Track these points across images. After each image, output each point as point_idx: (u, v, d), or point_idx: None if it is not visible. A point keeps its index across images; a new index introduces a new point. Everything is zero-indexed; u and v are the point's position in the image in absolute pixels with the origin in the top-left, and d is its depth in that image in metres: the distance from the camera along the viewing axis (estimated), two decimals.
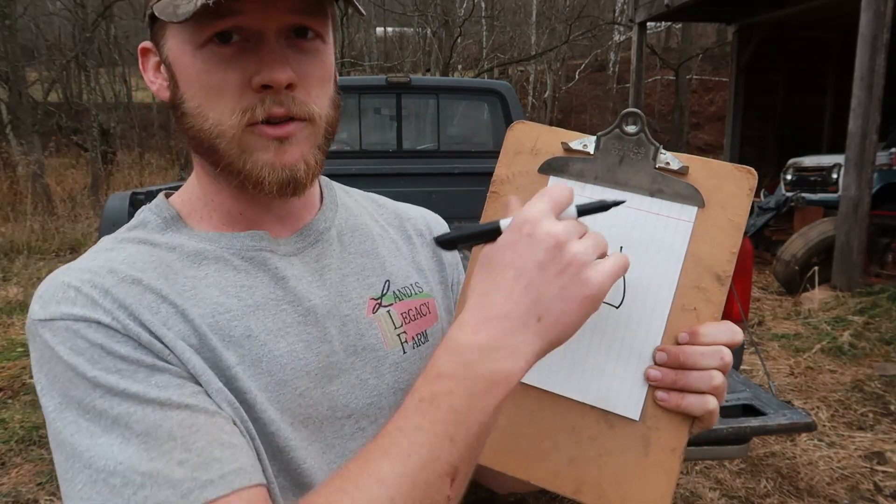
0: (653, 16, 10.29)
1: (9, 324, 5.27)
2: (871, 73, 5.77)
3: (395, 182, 4.17)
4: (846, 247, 5.96)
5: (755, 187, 0.63)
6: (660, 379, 0.60)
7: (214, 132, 0.62)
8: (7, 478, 3.11)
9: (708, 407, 0.59)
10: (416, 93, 4.64)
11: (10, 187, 10.37)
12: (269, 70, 0.60)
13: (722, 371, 0.59)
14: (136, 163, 14.24)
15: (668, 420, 0.60)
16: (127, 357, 0.56)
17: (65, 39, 16.76)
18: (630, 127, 0.65)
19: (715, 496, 2.95)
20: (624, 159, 0.64)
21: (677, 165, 0.63)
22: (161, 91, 0.67)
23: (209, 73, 0.61)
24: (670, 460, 0.60)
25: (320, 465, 0.66)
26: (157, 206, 0.70)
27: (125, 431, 0.54)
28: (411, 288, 0.78)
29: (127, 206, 2.09)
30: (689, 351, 0.59)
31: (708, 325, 0.60)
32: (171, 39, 0.63)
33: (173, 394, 0.56)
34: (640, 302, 0.62)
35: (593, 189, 0.64)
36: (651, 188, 0.63)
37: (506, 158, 0.68)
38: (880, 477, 3.14)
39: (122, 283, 0.59)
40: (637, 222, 0.63)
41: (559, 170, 0.66)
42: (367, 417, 0.70)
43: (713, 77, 21.47)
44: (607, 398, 0.62)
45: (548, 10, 20.39)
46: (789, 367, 4.50)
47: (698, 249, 0.62)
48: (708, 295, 0.61)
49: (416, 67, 18.92)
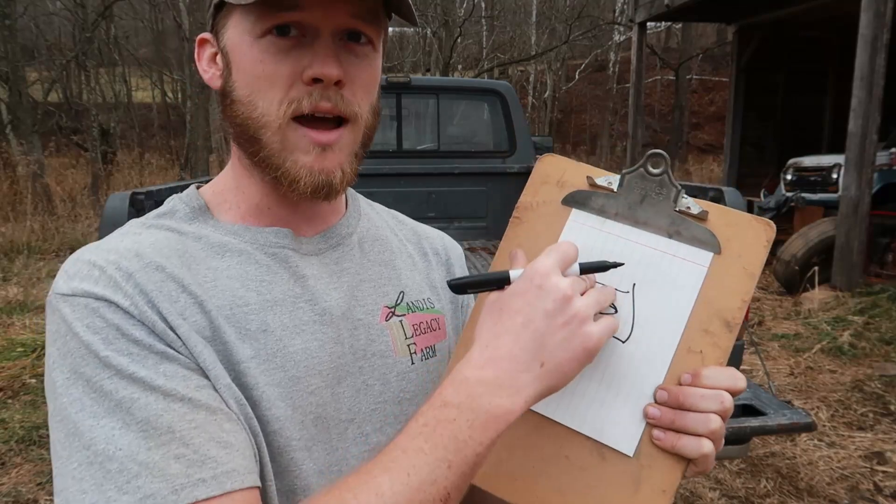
0: (653, 16, 10.29)
1: (9, 324, 5.27)
2: (871, 73, 5.78)
3: (395, 182, 4.17)
4: (846, 247, 5.96)
5: (773, 239, 0.64)
6: (658, 418, 0.60)
7: (261, 121, 0.64)
8: (7, 478, 3.11)
9: (703, 450, 0.59)
10: (416, 93, 4.64)
11: (10, 187, 10.38)
12: (321, 64, 0.63)
13: (721, 416, 0.59)
14: (136, 163, 14.27)
15: (662, 460, 0.60)
16: (140, 341, 0.57)
17: (65, 39, 16.76)
18: (655, 167, 0.66)
19: (715, 496, 2.96)
20: (646, 198, 0.66)
21: (697, 210, 0.65)
22: (214, 79, 0.69)
23: (264, 63, 0.63)
24: (659, 501, 0.60)
25: (320, 467, 0.66)
26: (188, 196, 0.72)
27: (126, 416, 0.54)
28: (424, 302, 0.79)
29: (127, 206, 2.09)
30: (689, 392, 0.60)
31: (712, 368, 0.61)
32: (233, 28, 0.65)
33: (178, 384, 0.56)
34: (647, 339, 0.63)
35: (612, 225, 0.66)
36: (669, 229, 0.65)
37: (532, 187, 0.70)
38: (880, 477, 3.14)
39: (146, 269, 0.60)
40: (653, 261, 0.64)
41: (582, 203, 0.68)
42: (371, 423, 0.70)
43: (713, 77, 21.48)
44: (603, 431, 0.62)
45: (548, 10, 20.40)
46: (789, 367, 4.50)
47: (710, 294, 0.63)
48: (715, 339, 0.62)
49: (416, 67, 18.93)
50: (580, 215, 0.67)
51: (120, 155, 14.33)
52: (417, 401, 0.74)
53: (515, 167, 4.45)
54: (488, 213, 4.43)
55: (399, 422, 0.72)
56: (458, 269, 0.87)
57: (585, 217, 0.67)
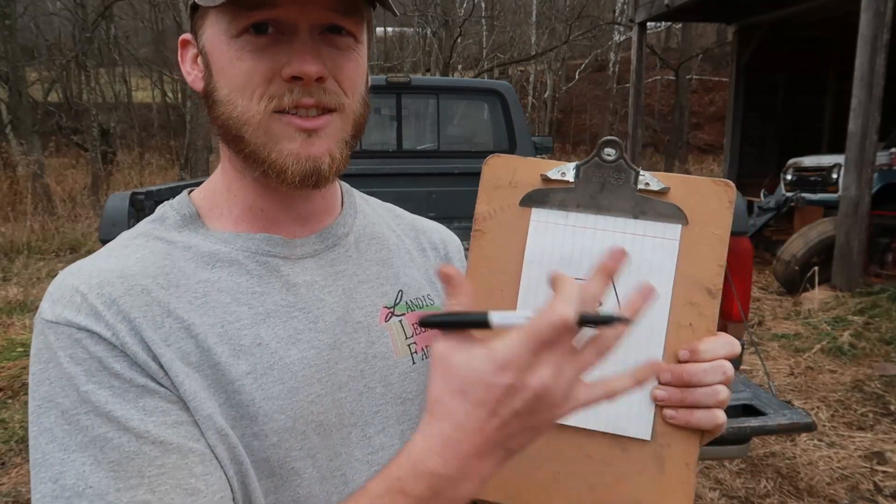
0: (653, 16, 10.28)
1: (9, 324, 5.27)
2: (871, 73, 5.78)
3: (395, 182, 4.17)
4: (846, 247, 5.96)
5: (734, 199, 0.64)
6: (667, 398, 0.61)
7: (243, 119, 0.64)
8: (7, 478, 3.11)
9: (717, 420, 0.61)
10: (416, 93, 4.64)
11: (10, 187, 10.38)
12: (299, 61, 0.62)
13: (725, 384, 0.61)
14: (136, 163, 14.27)
15: (678, 436, 0.62)
16: (121, 375, 0.57)
17: (65, 39, 16.75)
18: (609, 154, 0.66)
19: (715, 496, 2.96)
20: (605, 186, 0.66)
21: (658, 186, 0.65)
22: (196, 82, 0.68)
23: (241, 62, 0.63)
24: (685, 474, 0.62)
25: (323, 473, 0.65)
26: (179, 203, 0.71)
27: (98, 454, 0.55)
28: (423, 300, 0.78)
29: (127, 206, 2.09)
30: (692, 369, 0.61)
31: (706, 341, 0.62)
32: (209, 29, 0.65)
33: (154, 423, 0.56)
34: (638, 324, 0.62)
35: (577, 217, 0.65)
36: (634, 211, 0.65)
37: (485, 195, 0.68)
38: (880, 477, 3.14)
39: (131, 293, 0.60)
40: (624, 245, 0.64)
41: (541, 201, 0.66)
42: (374, 426, 0.70)
43: (713, 77, 21.48)
44: (617, 423, 0.63)
45: (548, 10, 20.40)
46: (789, 367, 4.50)
47: (686, 266, 0.64)
48: (701, 309, 0.63)
49: (416, 67, 18.92)
50: (542, 213, 0.66)
51: (120, 155, 14.33)
52: (419, 400, 0.74)
53: None
54: None
55: (401, 422, 0.72)
56: (456, 261, 0.86)
57: (547, 214, 0.66)
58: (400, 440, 0.71)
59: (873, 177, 6.05)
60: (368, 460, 0.69)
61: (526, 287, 0.65)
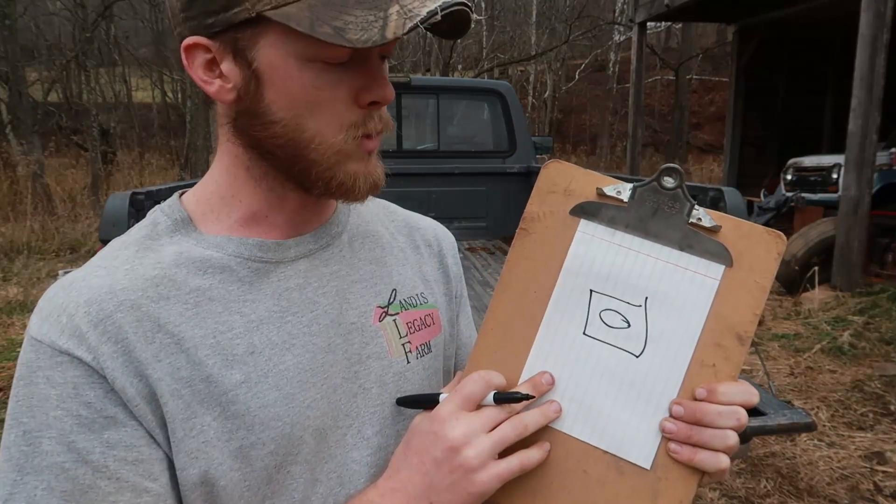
0: (653, 16, 10.28)
1: (9, 324, 5.27)
2: (871, 73, 5.78)
3: (395, 182, 4.13)
4: (846, 247, 5.96)
5: (783, 252, 0.64)
6: (675, 432, 0.61)
7: (314, 142, 0.62)
8: None
9: (720, 465, 0.60)
10: (416, 93, 4.65)
11: (10, 187, 10.38)
12: (380, 88, 0.62)
13: (737, 431, 0.60)
14: (136, 163, 14.26)
15: (678, 472, 0.61)
16: (92, 403, 0.57)
17: (65, 39, 16.76)
18: (668, 181, 0.65)
19: (715, 496, 2.96)
20: (658, 212, 0.65)
21: (710, 223, 0.64)
22: (223, 92, 0.63)
23: (318, 89, 0.60)
24: None
25: (317, 476, 0.65)
26: (169, 207, 0.69)
27: (53, 481, 0.55)
28: (417, 298, 0.78)
29: (127, 206, 2.09)
30: (706, 409, 0.60)
31: (727, 384, 0.61)
32: (271, 48, 0.59)
33: (115, 458, 0.56)
34: (661, 353, 0.63)
35: (623, 237, 0.65)
36: (681, 243, 0.64)
37: (538, 197, 0.68)
38: (880, 477, 3.14)
39: (121, 309, 0.59)
40: (665, 274, 0.64)
41: (592, 214, 0.67)
42: (371, 426, 0.70)
43: (713, 77, 21.48)
44: (621, 445, 0.63)
45: (548, 10, 20.41)
46: (789, 367, 4.50)
47: (722, 308, 0.63)
48: (728, 353, 0.62)
49: (416, 67, 18.93)
50: (589, 226, 0.66)
51: (120, 155, 14.33)
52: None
53: (515, 167, 4.45)
54: (488, 213, 4.44)
55: (398, 422, 0.72)
56: (450, 258, 0.86)
57: (595, 228, 0.66)
58: (396, 440, 0.71)
59: (873, 177, 6.05)
60: (367, 461, 0.69)
61: (559, 294, 0.66)
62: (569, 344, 0.65)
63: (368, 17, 0.56)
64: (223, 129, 0.67)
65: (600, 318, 0.65)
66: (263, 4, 0.57)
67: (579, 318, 0.65)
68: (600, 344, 0.64)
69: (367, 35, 0.56)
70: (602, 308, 0.65)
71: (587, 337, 0.65)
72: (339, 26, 0.56)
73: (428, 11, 0.56)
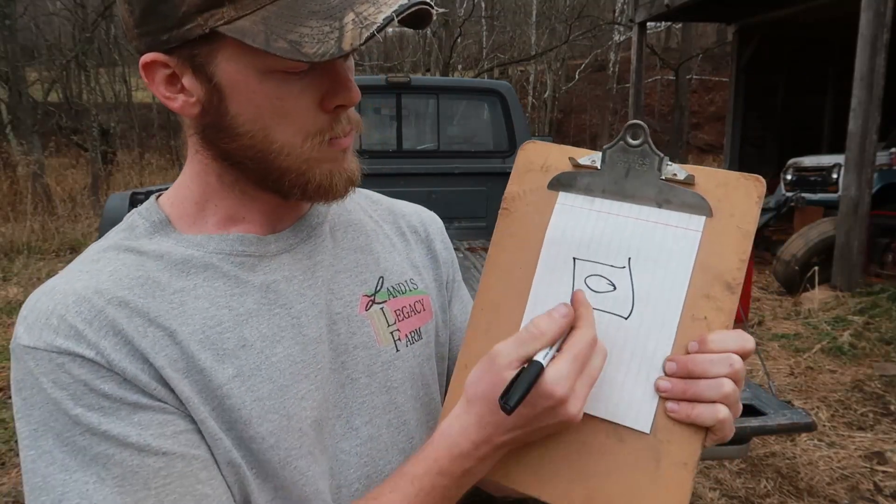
0: (653, 16, 10.28)
1: (9, 324, 5.27)
2: (871, 73, 5.77)
3: (395, 182, 4.17)
4: (846, 247, 5.96)
5: (763, 195, 0.63)
6: (670, 389, 0.59)
7: (283, 152, 0.62)
8: (7, 478, 3.11)
9: (718, 416, 0.58)
10: (416, 93, 4.65)
11: (10, 187, 10.38)
12: (345, 91, 0.62)
13: (733, 379, 0.58)
14: (136, 163, 14.26)
15: (679, 433, 0.59)
16: (110, 395, 0.55)
17: (65, 39, 16.75)
18: (634, 139, 0.65)
19: (715, 496, 2.96)
20: (630, 171, 0.65)
21: (684, 175, 0.64)
22: (187, 107, 0.62)
23: (281, 100, 0.60)
24: (682, 475, 0.59)
25: (323, 468, 0.65)
26: (147, 210, 0.68)
27: (101, 471, 0.54)
28: (405, 285, 0.77)
29: (127, 206, 2.09)
30: (698, 359, 0.59)
31: (718, 332, 0.60)
32: (229, 62, 0.58)
33: (154, 436, 0.56)
34: (650, 313, 0.62)
35: (601, 203, 0.65)
36: (658, 199, 0.64)
37: (517, 177, 0.70)
38: (880, 477, 3.14)
39: (109, 307, 0.58)
40: (645, 233, 0.63)
41: (568, 185, 0.67)
42: (360, 416, 0.69)
43: (713, 77, 21.48)
44: (617, 411, 0.61)
45: (548, 10, 20.39)
46: (789, 367, 4.50)
47: (707, 258, 0.62)
48: (718, 304, 0.61)
49: (416, 67, 18.92)
50: (568, 197, 0.67)
51: (120, 155, 14.32)
52: (405, 388, 0.73)
53: None
54: (488, 213, 4.43)
55: (388, 411, 0.71)
56: (438, 243, 0.85)
57: (573, 199, 0.67)
58: (388, 429, 0.71)
59: (873, 177, 6.05)
60: (357, 452, 0.68)
61: (543, 266, 0.66)
62: None
63: (324, 28, 0.55)
64: (192, 139, 0.66)
65: (586, 285, 0.64)
66: (216, 20, 0.56)
67: (565, 287, 0.65)
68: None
69: (323, 48, 0.54)
70: (587, 274, 0.64)
71: None
72: (295, 40, 0.54)
73: (384, 18, 0.55)
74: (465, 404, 0.60)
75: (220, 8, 0.56)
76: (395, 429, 0.72)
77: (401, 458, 0.71)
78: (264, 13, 0.56)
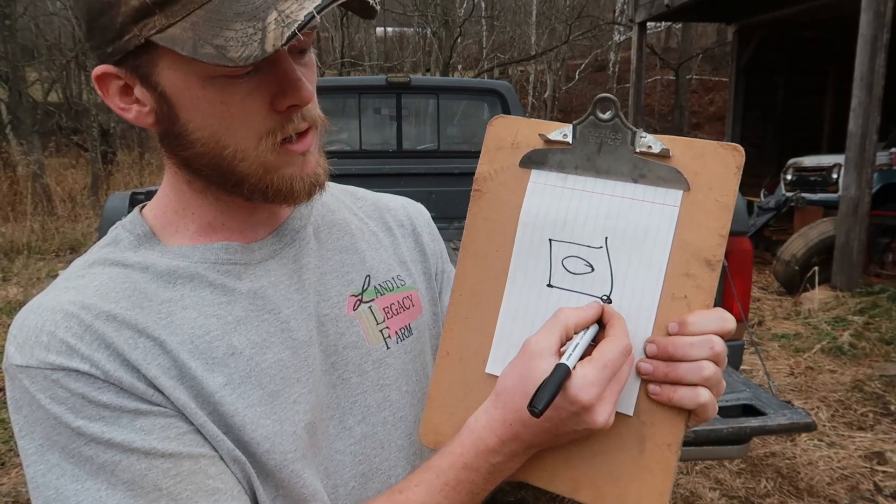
0: (653, 16, 10.28)
1: (9, 324, 5.27)
2: (871, 73, 5.77)
3: (395, 182, 4.17)
4: (846, 247, 5.96)
5: (742, 165, 0.61)
6: (651, 372, 0.58)
7: (237, 157, 0.61)
8: (7, 478, 3.11)
9: (699, 400, 0.57)
10: (416, 93, 4.64)
11: (10, 187, 10.37)
12: (294, 91, 0.60)
13: (714, 361, 0.57)
14: (136, 163, 14.25)
15: (662, 415, 0.59)
16: (109, 404, 0.56)
17: (65, 39, 16.75)
18: (603, 112, 0.63)
19: (715, 496, 2.96)
20: (602, 146, 0.63)
21: (659, 148, 0.61)
22: (140, 118, 0.62)
23: (227, 105, 0.59)
24: (666, 456, 0.59)
25: (317, 469, 0.66)
26: (131, 223, 0.69)
27: (111, 478, 0.54)
28: (393, 282, 0.77)
29: (127, 206, 2.09)
30: (678, 342, 0.57)
31: (697, 313, 0.58)
32: (170, 70, 0.58)
33: (158, 439, 0.56)
34: (629, 293, 0.61)
35: (575, 180, 0.63)
36: (633, 174, 0.62)
37: (487, 155, 0.67)
38: (880, 477, 3.14)
39: (97, 322, 0.58)
40: (621, 211, 0.61)
41: (540, 162, 0.65)
42: (353, 416, 0.70)
43: (713, 77, 21.47)
44: None
45: (548, 10, 20.38)
46: (789, 367, 4.50)
47: (686, 235, 0.60)
48: (698, 282, 0.59)
49: (416, 67, 18.92)
50: (540, 175, 0.64)
51: (120, 155, 14.31)
52: (399, 384, 0.73)
53: None
54: None
55: (382, 409, 0.71)
56: (425, 235, 0.85)
57: (546, 176, 0.64)
58: (384, 427, 0.71)
59: (873, 177, 6.05)
60: (352, 451, 0.69)
61: (519, 249, 0.64)
62: (535, 298, 0.63)
63: (248, 30, 0.54)
64: (160, 147, 0.66)
65: (563, 267, 0.63)
66: (150, 29, 0.56)
67: (542, 270, 0.63)
68: (567, 293, 0.62)
69: (247, 51, 0.53)
70: (563, 256, 0.63)
71: (553, 288, 0.63)
72: (221, 44, 0.54)
73: (306, 14, 0.53)
74: (494, 397, 0.60)
75: (152, 17, 0.55)
76: (391, 426, 0.72)
77: (399, 455, 0.72)
78: (193, 19, 0.55)
